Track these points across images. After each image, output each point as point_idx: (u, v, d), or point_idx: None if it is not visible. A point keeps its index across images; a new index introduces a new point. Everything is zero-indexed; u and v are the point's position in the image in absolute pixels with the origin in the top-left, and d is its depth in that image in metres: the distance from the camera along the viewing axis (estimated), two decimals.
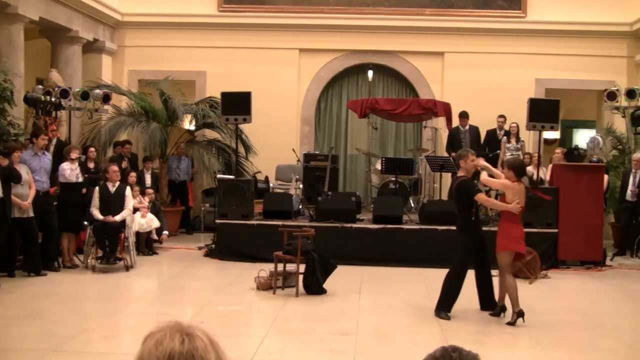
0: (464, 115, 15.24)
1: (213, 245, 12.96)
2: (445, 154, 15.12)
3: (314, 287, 9.64)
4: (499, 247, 8.36)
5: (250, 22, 16.67)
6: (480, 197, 8.36)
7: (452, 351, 1.84)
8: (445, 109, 15.40)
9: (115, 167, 11.78)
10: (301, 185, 14.75)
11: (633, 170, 13.78)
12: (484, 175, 8.63)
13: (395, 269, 11.73)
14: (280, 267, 9.86)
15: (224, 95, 13.45)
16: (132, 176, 13.35)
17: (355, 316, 8.45)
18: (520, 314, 8.23)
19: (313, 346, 7.19)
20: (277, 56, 16.72)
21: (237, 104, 13.26)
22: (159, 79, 15.93)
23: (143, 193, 13.36)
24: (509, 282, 8.37)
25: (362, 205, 14.02)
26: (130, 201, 11.64)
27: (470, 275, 8.62)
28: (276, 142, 16.04)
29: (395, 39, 16.69)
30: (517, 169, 8.43)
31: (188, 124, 16.55)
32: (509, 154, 15.02)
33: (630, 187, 13.69)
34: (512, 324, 8.20)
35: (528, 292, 10.30)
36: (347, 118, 17.42)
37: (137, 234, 12.51)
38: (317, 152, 15.80)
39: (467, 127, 15.28)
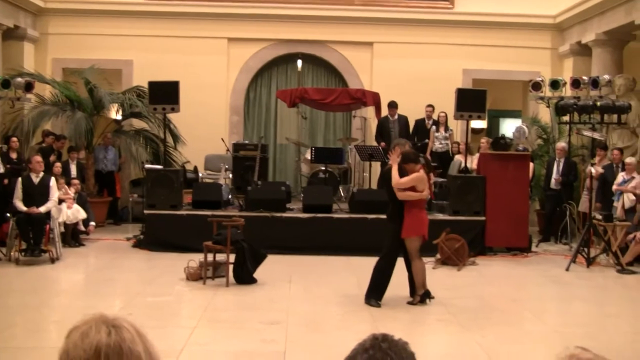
0: (393, 105, 15.36)
1: (141, 236, 12.79)
2: (375, 144, 15.21)
3: (244, 276, 9.61)
4: (410, 232, 8.43)
5: (178, 10, 16.44)
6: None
7: (382, 341, 1.83)
8: (374, 99, 15.48)
9: (38, 158, 11.50)
10: (230, 175, 14.66)
11: (557, 159, 14.09)
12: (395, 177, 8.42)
13: (326, 258, 11.77)
14: (210, 257, 9.78)
15: (152, 84, 13.24)
16: (57, 166, 13.06)
17: (286, 305, 8.45)
18: (423, 297, 8.55)
19: (244, 336, 7.17)
20: (206, 45, 16.56)
21: (165, 94, 13.06)
22: (84, 67, 15.58)
23: (69, 184, 13.08)
24: (418, 266, 8.56)
25: (292, 195, 14.00)
26: (55, 192, 11.39)
27: (401, 264, 8.69)
28: (205, 132, 15.89)
29: (325, 28, 16.69)
30: (413, 158, 8.51)
31: (115, 113, 16.26)
32: (438, 143, 15.25)
33: (554, 176, 14.00)
34: (413, 303, 8.54)
35: (456, 279, 10.49)
36: (276, 107, 17.37)
37: (64, 225, 12.26)
38: (247, 142, 15.71)
39: (396, 117, 15.40)
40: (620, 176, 12.74)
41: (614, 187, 12.76)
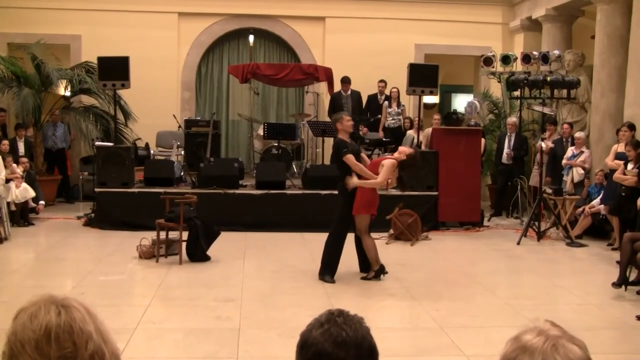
0: (345, 81, 15.35)
1: (92, 215, 12.65)
2: (328, 119, 15.20)
3: (198, 254, 9.57)
4: (360, 210, 8.48)
5: None
6: (349, 158, 8.38)
7: (337, 316, 1.86)
8: (326, 74, 15.46)
9: None
10: (182, 152, 14.56)
11: (508, 134, 14.26)
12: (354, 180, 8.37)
13: (279, 234, 11.77)
14: (162, 234, 9.72)
15: (101, 60, 13.04)
16: (5, 144, 12.82)
17: (240, 282, 8.44)
18: (378, 272, 8.61)
19: (198, 313, 7.15)
20: (156, 20, 16.33)
21: (115, 69, 12.88)
22: (30, 42, 15.25)
23: (17, 162, 12.84)
24: (369, 243, 8.62)
25: (244, 171, 13.97)
26: (1, 170, 11.17)
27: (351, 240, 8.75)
28: (156, 108, 15.72)
29: (276, 3, 16.57)
30: (414, 164, 8.71)
31: (63, 89, 15.99)
32: (390, 118, 15.30)
33: (505, 150, 14.18)
34: (367, 279, 8.62)
35: (410, 254, 10.58)
36: (228, 83, 17.26)
37: (13, 204, 12.05)
38: (199, 118, 15.62)
39: (349, 92, 15.41)
40: (570, 151, 12.94)
41: (564, 161, 12.96)
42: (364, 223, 8.55)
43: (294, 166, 15.02)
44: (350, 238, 8.73)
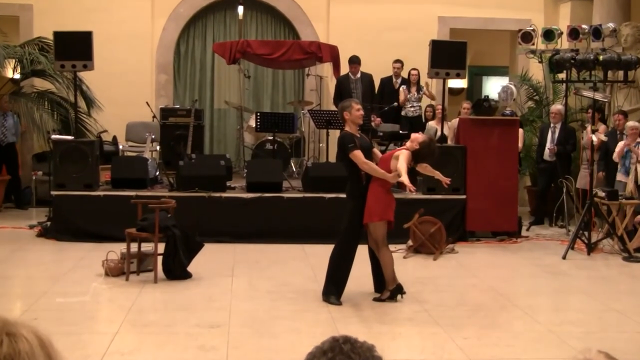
0: (354, 61, 15.34)
1: (48, 223, 12.66)
2: (333, 108, 15.20)
3: (176, 270, 9.57)
4: (373, 216, 8.44)
5: None
6: (357, 155, 8.37)
7: (344, 343, 1.84)
8: (331, 54, 15.45)
9: None
10: (158, 147, 14.58)
11: (552, 125, 14.22)
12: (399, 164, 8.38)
13: (275, 246, 11.78)
14: (134, 247, 9.72)
15: (58, 35, 13.03)
16: None
17: (228, 304, 8.44)
18: (394, 292, 8.55)
19: (176, 342, 7.15)
20: None
21: (75, 47, 12.86)
22: None
23: None
24: (386, 257, 8.57)
25: (233, 170, 14.00)
26: None
27: (362, 252, 8.74)
28: (126, 95, 15.73)
29: None
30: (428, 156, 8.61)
31: (11, 71, 16.00)
32: (409, 105, 15.27)
33: (548, 145, 14.13)
34: (381, 300, 8.58)
35: (432, 270, 10.58)
36: (213, 64, 17.30)
37: None
38: (177, 107, 15.61)
39: (358, 75, 15.40)
40: (621, 145, 12.70)
41: (616, 154, 12.70)
42: (381, 232, 8.50)
43: (292, 164, 15.05)
44: (361, 251, 8.73)
